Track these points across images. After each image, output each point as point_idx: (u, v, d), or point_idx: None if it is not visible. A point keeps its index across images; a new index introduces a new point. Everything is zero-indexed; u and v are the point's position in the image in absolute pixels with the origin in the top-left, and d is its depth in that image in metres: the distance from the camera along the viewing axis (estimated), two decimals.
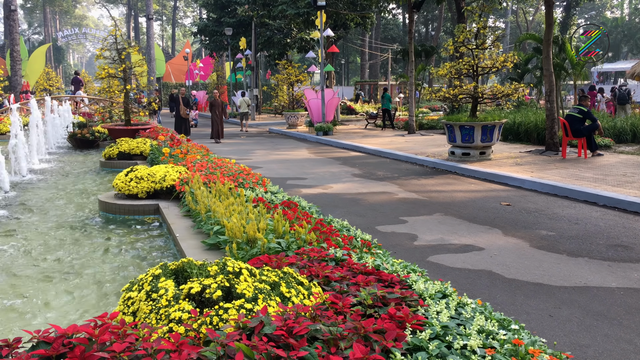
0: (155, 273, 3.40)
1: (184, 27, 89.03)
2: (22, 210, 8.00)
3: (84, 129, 16.26)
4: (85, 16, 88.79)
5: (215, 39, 38.08)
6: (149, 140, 12.52)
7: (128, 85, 15.20)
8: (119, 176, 7.92)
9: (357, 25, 29.12)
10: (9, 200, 8.64)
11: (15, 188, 9.72)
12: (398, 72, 61.14)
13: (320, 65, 22.45)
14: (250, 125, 28.44)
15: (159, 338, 2.69)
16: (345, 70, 69.23)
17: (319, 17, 21.71)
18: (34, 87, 37.07)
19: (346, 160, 14.73)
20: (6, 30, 42.12)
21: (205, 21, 40.57)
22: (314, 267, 3.84)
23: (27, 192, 9.53)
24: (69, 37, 52.35)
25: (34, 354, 2.53)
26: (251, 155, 15.46)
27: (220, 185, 6.71)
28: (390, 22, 66.95)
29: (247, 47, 33.02)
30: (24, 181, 10.59)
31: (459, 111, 22.36)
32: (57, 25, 76.94)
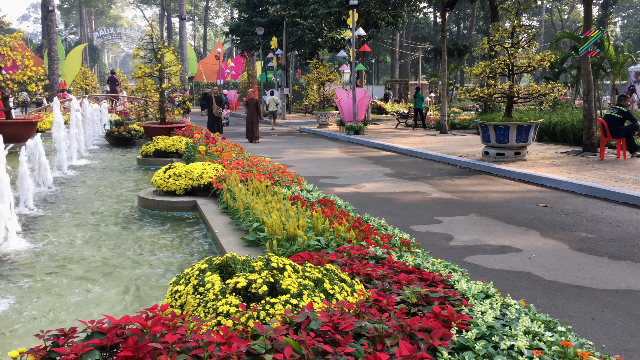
0: (201, 267, 3.47)
1: (216, 27, 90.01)
2: (64, 205, 8.23)
3: (120, 127, 16.62)
4: (120, 16, 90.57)
5: (247, 39, 38.39)
6: (184, 139, 12.72)
7: (163, 84, 15.46)
8: (157, 173, 8.08)
9: (388, 25, 29.00)
10: (53, 196, 8.89)
11: (57, 184, 10.01)
12: (429, 71, 60.68)
13: (351, 64, 22.45)
14: (281, 124, 28.61)
15: (209, 331, 2.75)
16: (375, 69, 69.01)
17: (350, 16, 21.70)
18: (71, 85, 37.97)
19: (378, 159, 14.70)
20: (44, 31, 43.22)
21: (237, 21, 40.93)
22: (354, 265, 3.86)
23: (69, 187, 9.80)
24: (104, 37, 53.49)
25: (89, 344, 2.62)
26: (283, 154, 15.55)
27: (257, 182, 6.79)
28: (421, 21, 66.47)
29: (278, 47, 33.20)
30: (66, 177, 10.89)
31: (492, 111, 22.08)
32: (92, 26, 78.67)
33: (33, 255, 5.71)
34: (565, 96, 31.42)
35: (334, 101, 26.07)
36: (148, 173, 11.60)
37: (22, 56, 14.84)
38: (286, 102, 33.30)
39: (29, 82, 14.96)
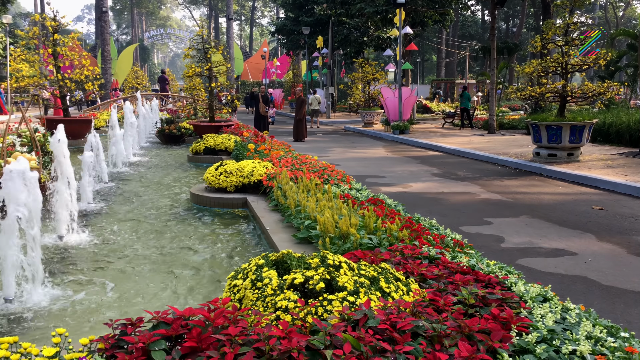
0: (258, 263, 3.55)
1: (261, 27, 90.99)
2: (122, 200, 8.53)
3: (171, 125, 17.04)
4: (169, 17, 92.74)
5: (293, 38, 38.67)
6: (233, 137, 12.95)
7: (213, 83, 15.77)
8: (209, 170, 8.26)
9: (435, 23, 28.67)
10: (109, 191, 9.23)
11: (113, 179, 10.37)
12: (476, 70, 59.62)
13: (397, 63, 22.31)
14: (326, 123, 28.69)
15: (268, 325, 2.82)
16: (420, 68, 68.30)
17: (397, 14, 21.57)
18: (123, 84, 39.15)
19: (424, 159, 14.57)
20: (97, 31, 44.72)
21: (283, 20, 41.29)
22: (408, 264, 3.86)
23: (124, 183, 10.14)
24: (154, 38, 54.89)
25: (156, 333, 2.73)
26: (328, 153, 15.61)
27: (307, 181, 6.85)
28: (468, 19, 65.36)
29: (324, 46, 33.30)
30: (121, 173, 11.27)
31: (542, 110, 21.52)
32: (143, 26, 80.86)
33: (94, 247, 5.95)
34: (620, 95, 30.31)
35: (379, 100, 25.97)
36: (198, 170, 11.87)
37: (80, 56, 15.41)
38: (331, 101, 33.37)
39: (86, 81, 15.53)
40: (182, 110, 20.02)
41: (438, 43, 55.86)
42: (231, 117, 21.29)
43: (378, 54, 48.89)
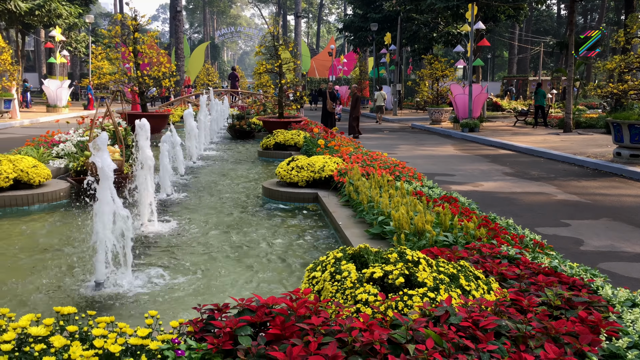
0: (337, 256, 3.60)
1: (329, 24, 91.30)
2: (197, 192, 8.84)
3: (241, 121, 17.46)
4: (239, 15, 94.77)
5: (360, 35, 38.59)
6: (302, 132, 13.11)
7: (282, 79, 16.01)
8: (281, 165, 8.41)
9: (508, 18, 27.77)
10: (186, 183, 9.60)
11: (188, 172, 10.76)
12: (550, 66, 57.29)
13: (468, 59, 21.81)
14: (392, 120, 28.47)
15: (349, 317, 2.85)
16: (490, 64, 66.37)
17: (469, 9, 21.07)
18: (195, 81, 40.44)
19: (495, 158, 14.19)
20: (172, 30, 46.35)
21: (351, 17, 41.28)
22: (487, 263, 3.80)
23: (199, 176, 10.51)
24: (225, 36, 56.29)
25: (242, 319, 2.83)
26: (396, 150, 15.49)
27: (378, 177, 6.85)
28: (543, 14, 62.85)
29: (392, 42, 33.03)
30: (195, 166, 11.68)
31: (623, 109, 20.41)
32: (214, 25, 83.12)
33: (174, 236, 6.21)
34: None
35: (447, 97, 25.49)
36: (268, 164, 12.11)
37: (157, 54, 16.07)
38: (398, 98, 33.06)
39: (163, 77, 16.18)
40: (251, 107, 20.45)
41: (510, 38, 54.07)
42: (299, 113, 21.54)
43: (446, 50, 47.96)
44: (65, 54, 32.66)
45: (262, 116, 18.30)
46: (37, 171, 7.71)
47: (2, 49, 22.78)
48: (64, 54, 32.35)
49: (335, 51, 46.94)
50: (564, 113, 20.38)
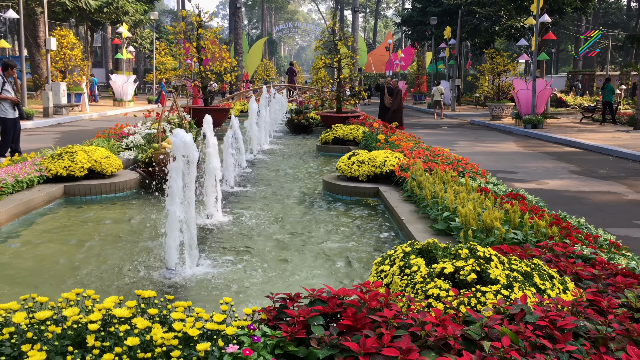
0: (405, 250, 3.59)
1: (386, 19, 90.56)
2: (259, 185, 9.01)
3: (300, 115, 17.61)
4: (297, 11, 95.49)
5: (419, 29, 38.08)
6: (361, 127, 13.09)
7: (341, 74, 16.03)
8: (341, 159, 8.44)
9: (575, 10, 26.68)
10: (247, 176, 9.79)
11: (250, 165, 10.97)
12: (618, 61, 54.69)
13: (532, 54, 21.11)
14: (451, 116, 27.98)
15: (421, 311, 2.84)
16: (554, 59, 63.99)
17: (535, 2, 20.38)
18: (253, 76, 41.07)
19: (560, 155, 13.71)
20: (231, 26, 47.24)
21: (409, 11, 40.79)
22: (561, 262, 3.69)
23: (259, 169, 10.69)
24: (282, 31, 56.84)
25: (314, 309, 2.87)
26: (455, 146, 15.22)
27: (442, 172, 6.76)
28: (612, 6, 60.02)
29: (452, 36, 32.41)
30: (256, 159, 11.89)
31: None
32: (272, 20, 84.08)
33: (238, 227, 6.35)
34: None
35: (509, 93, 24.80)
36: (327, 159, 12.17)
37: (219, 49, 16.42)
38: (457, 93, 32.44)
39: (224, 72, 16.53)
40: (309, 101, 20.58)
41: (576, 32, 51.94)
42: (356, 108, 21.51)
43: (508, 44, 46.62)
44: (131, 50, 33.89)
45: (320, 111, 18.38)
46: (110, 162, 8.06)
47: (74, 45, 23.88)
48: (130, 50, 33.58)
49: (392, 46, 46.53)
50: (634, 109, 19.42)
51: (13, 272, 4.79)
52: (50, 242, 5.67)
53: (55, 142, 14.29)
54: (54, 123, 19.82)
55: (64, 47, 23.30)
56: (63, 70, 23.76)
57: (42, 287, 4.43)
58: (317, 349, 2.58)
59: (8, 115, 10.17)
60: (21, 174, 7.11)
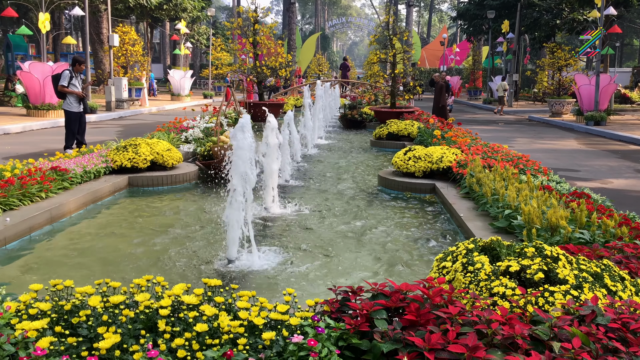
0: (468, 247, 3.53)
1: (441, 13, 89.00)
2: (314, 179, 9.07)
3: (353, 110, 17.58)
4: (350, 6, 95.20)
5: (475, 23, 37.21)
6: (416, 123, 12.95)
7: (396, 69, 15.89)
8: (397, 155, 8.39)
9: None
10: (302, 170, 9.87)
11: (304, 160, 11.05)
12: None
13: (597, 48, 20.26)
14: (508, 112, 27.25)
15: (487, 309, 2.80)
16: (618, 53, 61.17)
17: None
18: (305, 72, 41.25)
19: (625, 154, 13.13)
20: (285, 21, 47.58)
21: (466, 5, 39.90)
22: (632, 264, 3.55)
23: (314, 163, 10.76)
24: (335, 26, 56.81)
25: (377, 303, 2.87)
26: (512, 143, 14.82)
27: (501, 169, 6.61)
28: None
29: (509, 30, 31.52)
30: (310, 154, 11.96)
31: None
32: (325, 16, 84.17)
33: (295, 219, 6.42)
34: None
35: (570, 88, 23.92)
36: (381, 154, 12.12)
37: (275, 45, 16.59)
38: (514, 89, 31.55)
39: (279, 68, 16.69)
40: (362, 97, 20.51)
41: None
42: (410, 103, 21.28)
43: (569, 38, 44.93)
44: (188, 46, 34.71)
45: (374, 106, 18.29)
46: (171, 154, 8.30)
47: (135, 41, 24.67)
48: (188, 45, 34.39)
49: (447, 40, 45.70)
50: None
51: (82, 259, 5.02)
52: (116, 230, 5.91)
53: (117, 134, 14.84)
54: (116, 117, 20.57)
55: (126, 43, 24.12)
56: (124, 66, 24.60)
57: (109, 273, 4.63)
58: (381, 343, 2.58)
59: (73, 108, 10.62)
60: (89, 165, 7.43)
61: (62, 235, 5.66)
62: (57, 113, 17.82)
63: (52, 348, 2.49)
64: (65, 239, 5.53)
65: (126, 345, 2.59)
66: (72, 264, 4.85)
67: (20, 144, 12.60)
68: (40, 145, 12.52)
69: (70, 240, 5.51)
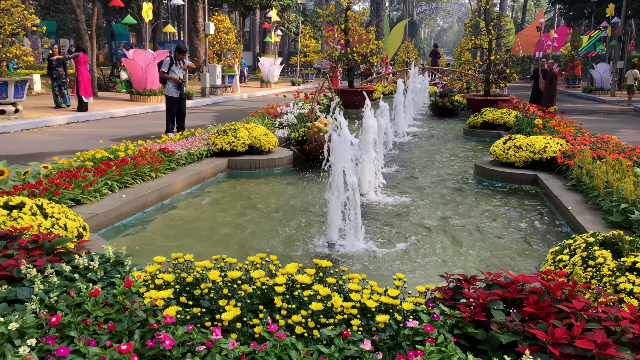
0: (588, 240, 3.36)
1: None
2: (407, 167, 8.97)
3: (444, 98, 17.17)
4: None
5: (576, 7, 35.04)
6: (513, 112, 12.44)
7: (492, 56, 15.31)
8: (496, 144, 8.10)
9: None
10: (394, 158, 9.78)
11: (397, 147, 10.95)
12: None
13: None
14: (609, 101, 25.53)
15: (615, 306, 2.65)
16: None
17: None
18: (393, 59, 40.75)
19: None
20: (373, 8, 47.16)
21: None
22: None
23: (406, 151, 10.63)
24: (424, 12, 55.60)
25: (493, 293, 2.80)
26: (617, 134, 13.86)
27: (613, 161, 6.20)
28: None
29: (615, 14, 29.40)
30: (402, 142, 11.84)
31: None
32: (414, 2, 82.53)
33: (391, 207, 6.39)
34: None
35: None
36: (476, 143, 11.76)
37: (367, 32, 16.48)
38: (618, 77, 29.46)
39: (370, 54, 16.59)
40: (453, 84, 19.97)
41: None
42: (504, 91, 20.46)
43: None
44: (278, 34, 35.31)
45: (466, 94, 17.76)
46: (267, 139, 8.51)
47: (229, 30, 25.43)
48: (278, 33, 35.00)
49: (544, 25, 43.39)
50: None
51: (190, 235, 5.27)
52: (219, 210, 6.15)
53: (212, 119, 15.41)
54: (210, 102, 21.36)
55: (221, 31, 24.91)
56: (218, 53, 25.44)
57: (217, 249, 4.83)
58: (499, 334, 2.51)
59: (172, 94, 11.14)
60: (193, 147, 7.77)
61: (172, 213, 5.97)
62: (157, 98, 18.78)
63: (179, 317, 2.64)
64: (174, 216, 5.83)
65: (246, 318, 2.69)
66: (182, 239, 5.11)
67: (125, 127, 13.41)
68: (142, 128, 13.26)
69: (179, 217, 5.81)
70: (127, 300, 2.64)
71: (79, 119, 14.44)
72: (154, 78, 18.78)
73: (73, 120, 14.22)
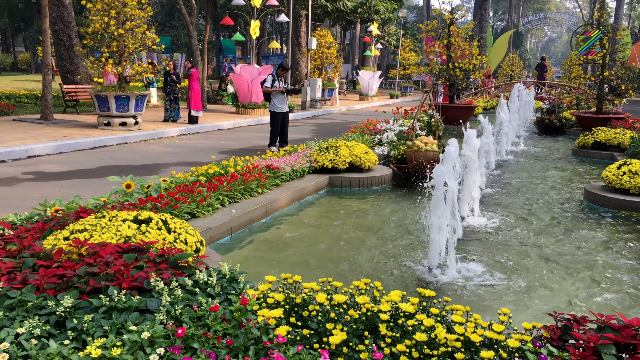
0: None
1: None
2: (510, 189, 8.71)
3: (551, 115, 16.42)
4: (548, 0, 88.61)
5: None
6: (628, 132, 11.68)
7: (606, 71, 14.46)
8: (609, 168, 7.68)
9: None
10: (495, 179, 9.53)
11: (498, 167, 10.66)
12: None
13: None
14: None
15: None
16: None
17: None
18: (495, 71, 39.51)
19: None
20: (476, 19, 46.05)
21: None
22: None
23: (510, 171, 10.32)
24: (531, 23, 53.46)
25: (604, 336, 2.71)
26: None
27: None
28: None
29: None
30: (505, 161, 11.50)
31: None
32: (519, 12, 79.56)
33: (493, 233, 6.27)
34: None
35: None
36: (585, 165, 11.16)
37: (470, 46, 16.19)
38: None
39: (473, 70, 16.27)
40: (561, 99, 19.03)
41: None
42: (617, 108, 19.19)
43: None
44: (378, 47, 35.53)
45: (576, 111, 16.88)
46: (368, 157, 8.65)
47: (330, 44, 26.00)
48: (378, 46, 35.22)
49: None
50: None
51: (296, 252, 5.50)
52: (321, 227, 6.36)
53: (312, 133, 15.84)
54: (310, 115, 21.94)
55: (322, 46, 25.53)
56: (319, 67, 26.07)
57: (321, 267, 5.01)
58: None
59: (276, 109, 11.60)
60: (296, 164, 8.08)
61: (276, 228, 6.26)
62: (261, 112, 19.61)
63: (289, 337, 2.81)
64: (277, 232, 6.11)
65: (352, 343, 2.82)
66: (288, 256, 5.35)
67: (231, 140, 14.14)
68: (247, 141, 13.92)
69: (282, 232, 6.08)
70: (242, 317, 2.85)
71: (189, 131, 15.44)
72: (258, 92, 19.64)
73: (185, 132, 15.22)
